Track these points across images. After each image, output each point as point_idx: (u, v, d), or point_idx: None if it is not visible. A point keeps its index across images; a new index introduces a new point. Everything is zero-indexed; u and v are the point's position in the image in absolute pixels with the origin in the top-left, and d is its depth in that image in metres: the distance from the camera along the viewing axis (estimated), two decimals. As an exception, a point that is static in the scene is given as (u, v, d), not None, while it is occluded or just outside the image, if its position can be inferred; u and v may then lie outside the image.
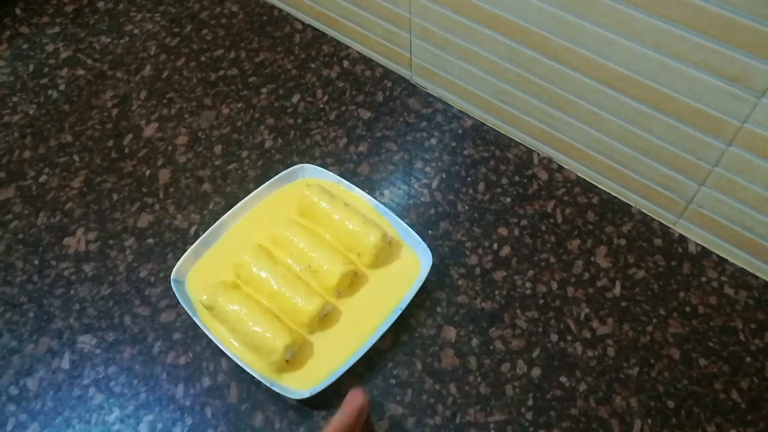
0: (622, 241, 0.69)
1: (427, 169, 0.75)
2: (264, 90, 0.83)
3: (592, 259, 0.68)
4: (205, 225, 0.70)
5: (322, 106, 0.81)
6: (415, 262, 0.66)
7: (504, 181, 0.74)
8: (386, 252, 0.66)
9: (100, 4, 0.94)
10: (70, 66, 0.86)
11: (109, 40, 0.89)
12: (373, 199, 0.69)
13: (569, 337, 0.63)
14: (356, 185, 0.70)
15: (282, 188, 0.71)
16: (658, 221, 0.71)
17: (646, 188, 0.69)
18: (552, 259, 0.68)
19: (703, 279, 0.67)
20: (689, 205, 0.66)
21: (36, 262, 0.69)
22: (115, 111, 0.81)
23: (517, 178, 0.74)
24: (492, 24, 0.66)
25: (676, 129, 0.60)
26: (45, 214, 0.73)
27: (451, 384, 0.61)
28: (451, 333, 0.64)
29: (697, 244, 0.69)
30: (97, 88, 0.84)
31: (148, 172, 0.76)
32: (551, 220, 0.71)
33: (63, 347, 0.64)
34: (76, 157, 0.77)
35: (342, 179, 0.71)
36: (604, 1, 0.55)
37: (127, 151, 0.78)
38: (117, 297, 0.67)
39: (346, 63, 0.85)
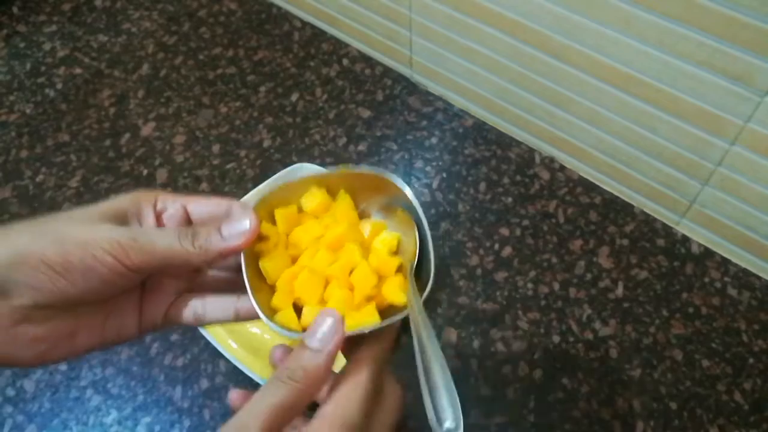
0: (625, 242, 0.69)
1: (428, 168, 0.75)
2: (263, 88, 0.82)
3: (595, 259, 0.68)
4: (203, 225, 0.70)
5: (321, 104, 0.81)
6: (415, 262, 0.64)
7: (505, 180, 0.73)
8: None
9: (98, 3, 0.93)
10: (67, 65, 0.86)
11: (106, 38, 0.89)
12: (373, 199, 0.69)
13: (571, 339, 0.63)
14: (356, 185, 0.70)
15: (281, 188, 0.70)
16: (661, 221, 0.70)
17: (649, 188, 0.68)
18: (554, 260, 0.68)
19: (706, 279, 0.66)
20: (692, 205, 0.66)
21: (33, 262, 0.69)
22: (112, 110, 0.81)
23: (518, 177, 0.74)
24: (493, 22, 0.65)
25: (679, 128, 0.60)
26: (42, 214, 0.72)
27: (451, 386, 0.60)
28: (452, 334, 0.63)
29: (700, 245, 0.68)
30: (94, 87, 0.83)
31: (145, 172, 0.75)
32: (553, 220, 0.70)
33: (60, 349, 0.63)
34: (73, 157, 0.77)
35: (342, 179, 0.70)
36: (607, -1, 0.55)
37: (124, 150, 0.77)
38: (115, 298, 0.66)
39: (345, 61, 0.85)
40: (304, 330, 0.35)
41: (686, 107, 0.57)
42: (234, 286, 0.37)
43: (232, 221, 0.34)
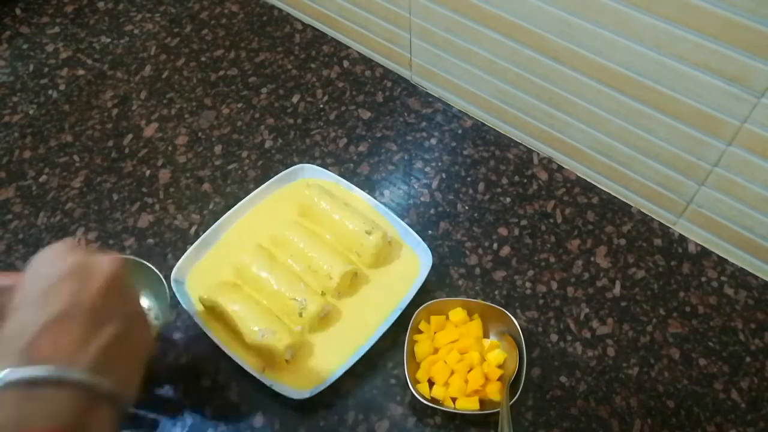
0: (622, 241, 0.69)
1: (427, 169, 0.75)
2: (264, 90, 0.83)
3: (592, 259, 0.68)
4: (205, 225, 0.70)
5: (322, 106, 0.81)
6: (415, 262, 0.66)
7: (504, 181, 0.74)
8: (386, 252, 0.66)
9: (100, 4, 0.94)
10: (70, 66, 0.86)
11: (109, 40, 0.89)
12: (373, 199, 0.69)
13: (569, 337, 0.63)
14: (356, 185, 0.70)
15: (282, 188, 0.71)
16: (658, 221, 0.71)
17: (646, 188, 0.69)
18: (552, 259, 0.68)
19: (703, 279, 0.67)
20: (689, 205, 0.66)
21: (36, 262, 0.69)
22: (115, 111, 0.81)
23: (517, 178, 0.74)
24: (492, 24, 0.66)
25: (676, 129, 0.60)
26: (45, 214, 0.73)
27: (451, 384, 0.60)
28: (451, 333, 0.63)
29: (697, 244, 0.69)
30: (97, 88, 0.84)
31: (148, 172, 0.76)
32: (551, 220, 0.71)
33: (63, 347, 0.64)
34: (76, 157, 0.77)
35: (342, 179, 0.71)
36: (604, 1, 0.55)
37: (127, 151, 0.78)
38: (117, 297, 0.67)
39: (346, 63, 0.86)
40: (432, 399, 0.57)
41: (683, 108, 0.58)
42: None
43: None
